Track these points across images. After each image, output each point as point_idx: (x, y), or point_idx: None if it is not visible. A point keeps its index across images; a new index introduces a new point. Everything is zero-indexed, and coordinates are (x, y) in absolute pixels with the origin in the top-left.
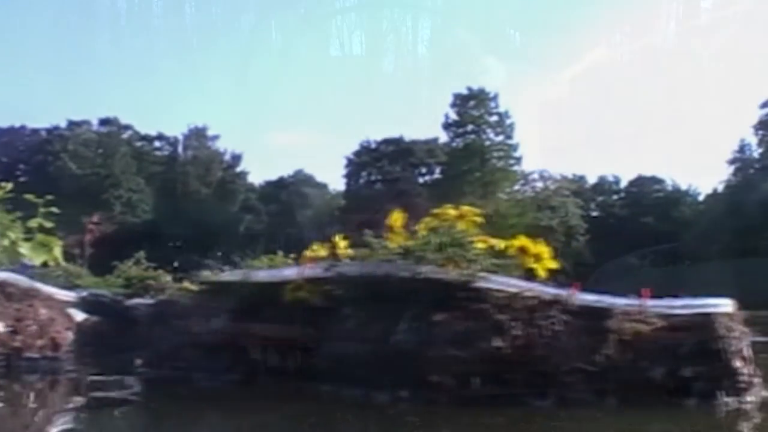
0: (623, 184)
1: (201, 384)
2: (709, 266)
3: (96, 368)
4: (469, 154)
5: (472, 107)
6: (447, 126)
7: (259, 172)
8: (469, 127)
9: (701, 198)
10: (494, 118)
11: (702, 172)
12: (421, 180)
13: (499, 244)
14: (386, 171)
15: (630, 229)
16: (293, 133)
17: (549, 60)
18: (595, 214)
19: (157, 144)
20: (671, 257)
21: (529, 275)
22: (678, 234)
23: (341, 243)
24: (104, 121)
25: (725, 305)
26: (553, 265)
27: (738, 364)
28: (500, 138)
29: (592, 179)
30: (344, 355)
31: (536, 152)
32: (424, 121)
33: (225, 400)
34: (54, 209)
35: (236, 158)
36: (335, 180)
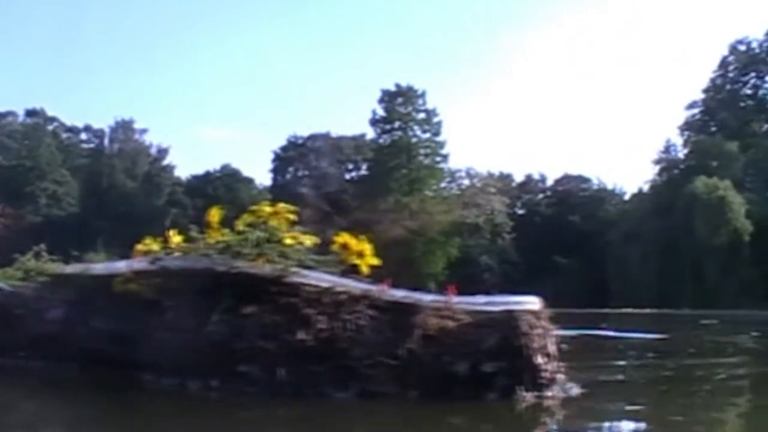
0: (549, 182)
1: (38, 373)
2: (633, 265)
3: None
4: (396, 150)
5: (400, 104)
6: (374, 122)
7: (185, 166)
8: (397, 124)
9: (627, 197)
10: (422, 115)
11: (628, 172)
12: (347, 176)
13: (306, 240)
14: (313, 166)
15: (556, 227)
16: (221, 128)
17: (480, 59)
18: (521, 212)
19: (83, 136)
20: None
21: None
22: (603, 233)
23: (175, 237)
24: (30, 112)
25: (530, 303)
26: (375, 261)
27: (540, 360)
28: (427, 135)
29: (519, 177)
30: (164, 346)
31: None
32: (352, 117)
33: (56, 388)
34: None
35: (163, 152)
36: (262, 175)
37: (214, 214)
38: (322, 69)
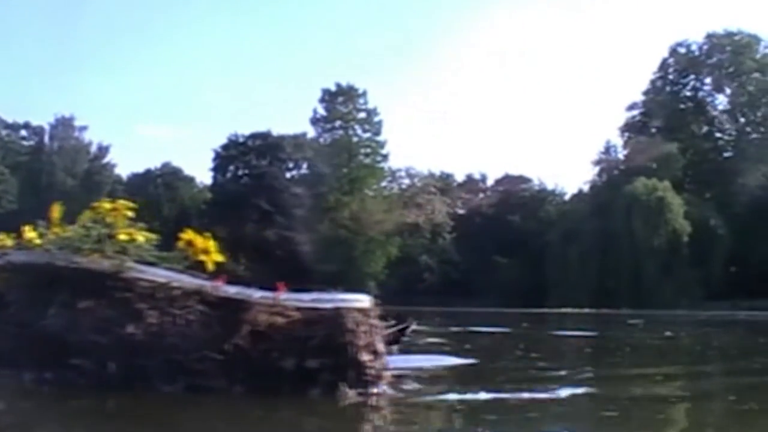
0: (490, 182)
1: None
2: (573, 265)
3: None
4: (336, 150)
5: (341, 103)
6: (315, 121)
7: (126, 164)
8: (337, 123)
9: (567, 198)
10: (362, 114)
11: (569, 172)
12: (288, 175)
13: (140, 236)
14: (253, 165)
15: (496, 227)
16: (161, 125)
17: (424, 59)
18: (461, 211)
19: (23, 133)
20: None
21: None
22: (544, 233)
23: (30, 234)
24: None
25: (359, 300)
26: (221, 258)
27: (365, 357)
28: (368, 135)
29: (459, 177)
30: (3, 338)
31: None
32: (293, 116)
33: None
34: None
35: (103, 150)
36: (203, 174)
37: (56, 210)
38: (263, 67)
